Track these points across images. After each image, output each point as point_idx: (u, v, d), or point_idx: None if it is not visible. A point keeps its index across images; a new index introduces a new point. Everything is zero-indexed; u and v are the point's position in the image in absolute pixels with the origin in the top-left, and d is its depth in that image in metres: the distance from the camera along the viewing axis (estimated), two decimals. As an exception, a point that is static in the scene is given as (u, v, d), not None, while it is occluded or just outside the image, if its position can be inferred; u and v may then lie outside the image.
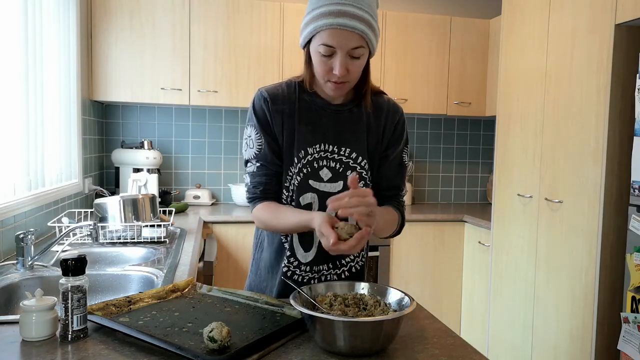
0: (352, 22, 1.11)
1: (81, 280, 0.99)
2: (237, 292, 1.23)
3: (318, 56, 1.17)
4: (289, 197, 1.28)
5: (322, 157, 1.27)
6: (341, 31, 1.11)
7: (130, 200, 2.14)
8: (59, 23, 2.44)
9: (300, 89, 1.29)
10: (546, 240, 2.43)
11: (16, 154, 1.95)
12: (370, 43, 1.16)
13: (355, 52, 1.15)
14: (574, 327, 2.23)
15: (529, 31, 2.60)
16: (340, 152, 1.28)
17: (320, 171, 1.27)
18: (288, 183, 1.27)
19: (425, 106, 3.51)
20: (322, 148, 1.27)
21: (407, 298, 1.03)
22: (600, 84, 2.09)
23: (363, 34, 1.13)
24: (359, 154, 1.29)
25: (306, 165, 1.26)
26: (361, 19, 1.12)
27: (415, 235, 3.23)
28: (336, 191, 1.28)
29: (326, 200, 1.25)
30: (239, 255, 2.98)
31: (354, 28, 1.11)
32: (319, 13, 1.13)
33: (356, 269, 1.35)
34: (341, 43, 1.13)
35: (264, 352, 0.93)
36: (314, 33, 1.15)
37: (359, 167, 1.29)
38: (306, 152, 1.26)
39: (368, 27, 1.13)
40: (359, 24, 1.11)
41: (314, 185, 1.27)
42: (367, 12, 1.13)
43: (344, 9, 1.10)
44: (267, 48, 3.22)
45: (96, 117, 3.21)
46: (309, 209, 1.27)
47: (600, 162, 2.09)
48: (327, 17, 1.11)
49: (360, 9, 1.12)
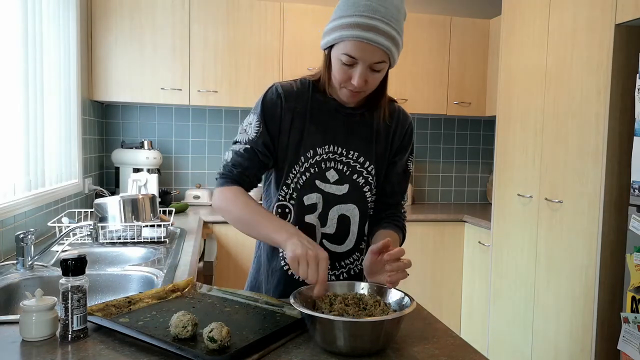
0: (379, 38, 1.10)
1: (81, 280, 0.99)
2: (237, 292, 1.23)
3: (339, 63, 1.16)
4: (288, 194, 1.27)
5: (331, 159, 1.27)
6: (367, 45, 1.11)
7: (130, 200, 2.14)
8: (59, 23, 2.44)
9: (314, 89, 1.29)
10: (546, 240, 2.43)
11: (16, 154, 1.95)
12: (392, 58, 1.16)
13: (376, 66, 1.15)
14: (574, 327, 2.23)
15: (529, 31, 2.60)
16: (349, 155, 1.28)
17: (327, 172, 1.27)
18: (290, 181, 1.27)
19: (425, 106, 3.51)
20: (331, 149, 1.27)
21: (407, 298, 1.03)
22: (600, 83, 2.09)
23: (387, 51, 1.13)
24: (366, 158, 1.29)
25: (314, 165, 1.26)
26: (388, 35, 1.11)
27: (415, 235, 3.23)
28: (341, 194, 1.28)
29: (330, 202, 1.27)
30: (239, 255, 2.98)
31: (379, 44, 1.11)
32: (348, 23, 1.12)
33: (355, 272, 1.35)
34: (365, 56, 1.12)
35: (264, 352, 0.93)
36: (339, 40, 1.14)
37: (366, 172, 1.30)
38: (315, 152, 1.26)
39: (393, 43, 1.13)
40: (386, 41, 1.11)
41: (320, 185, 1.27)
42: (394, 28, 1.12)
43: (373, 23, 1.10)
44: (267, 48, 3.22)
45: (96, 117, 3.21)
46: (313, 210, 1.27)
47: (600, 162, 2.09)
48: (355, 29, 1.10)
49: (389, 25, 1.11)
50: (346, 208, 1.30)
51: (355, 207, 1.30)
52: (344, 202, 1.29)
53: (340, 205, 1.29)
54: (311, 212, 1.28)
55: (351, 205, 1.30)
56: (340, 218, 1.30)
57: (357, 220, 1.31)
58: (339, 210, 1.29)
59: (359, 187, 1.30)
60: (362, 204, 1.31)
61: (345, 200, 1.29)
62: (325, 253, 1.04)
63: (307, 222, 1.28)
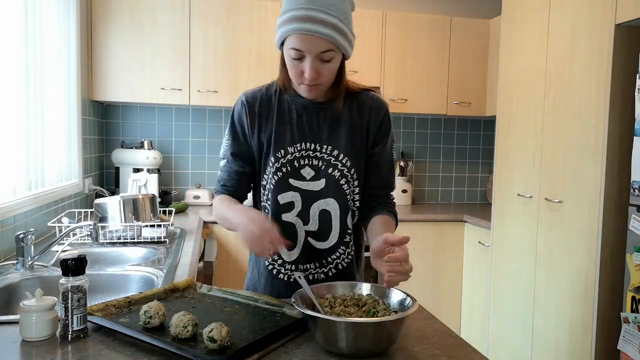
0: (318, 27, 1.11)
1: (81, 280, 0.99)
2: (237, 292, 1.23)
3: (289, 59, 1.18)
4: (265, 195, 1.31)
5: (304, 156, 1.28)
6: (308, 36, 1.12)
7: (130, 200, 2.14)
8: (58, 23, 2.44)
9: (281, 90, 1.31)
10: (546, 240, 2.43)
11: (16, 154, 1.95)
12: (340, 46, 1.16)
13: (324, 56, 1.15)
14: (574, 327, 2.23)
15: (529, 31, 2.60)
16: (322, 150, 1.28)
17: (302, 170, 1.28)
18: (265, 182, 1.30)
19: (425, 106, 3.51)
20: (303, 147, 1.28)
21: (409, 299, 1.03)
22: (600, 83, 2.09)
23: (331, 39, 1.13)
24: (340, 151, 1.29)
25: (286, 164, 1.28)
26: (329, 24, 1.12)
27: (415, 235, 3.22)
28: (319, 189, 1.29)
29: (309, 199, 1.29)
30: (239, 255, 2.98)
31: (320, 34, 1.11)
32: (289, 17, 1.13)
33: (342, 266, 1.34)
34: (309, 48, 1.13)
35: (264, 352, 0.93)
36: (285, 36, 1.16)
37: (341, 165, 1.29)
38: (286, 151, 1.28)
39: (337, 31, 1.13)
40: (326, 29, 1.11)
41: (294, 184, 1.28)
42: (335, 16, 1.12)
43: (310, 14, 1.11)
44: (267, 48, 3.22)
45: (96, 117, 3.21)
46: (290, 208, 1.29)
47: (600, 162, 2.09)
48: (295, 22, 1.12)
49: (328, 14, 1.11)
50: (326, 203, 1.29)
51: (335, 201, 1.30)
52: (323, 197, 1.29)
53: (319, 201, 1.29)
54: (287, 211, 1.29)
55: (330, 200, 1.29)
56: (321, 214, 1.30)
57: (338, 215, 1.31)
58: (319, 206, 1.29)
59: (336, 180, 1.29)
60: (340, 198, 1.30)
61: (324, 196, 1.29)
62: (269, 224, 1.11)
63: (285, 220, 1.29)
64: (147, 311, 0.99)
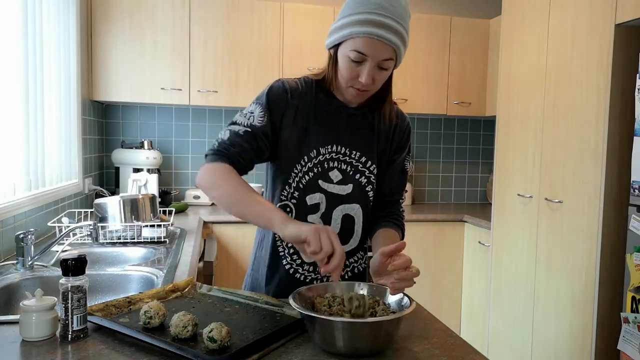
0: (389, 35, 1.11)
1: (81, 280, 0.99)
2: (237, 292, 1.23)
3: (347, 61, 1.16)
4: (290, 194, 1.27)
5: (334, 159, 1.28)
6: (377, 42, 1.12)
7: (130, 200, 2.14)
8: (59, 23, 2.44)
9: (317, 88, 1.28)
10: (546, 240, 2.43)
11: (16, 154, 1.95)
12: (399, 56, 1.17)
13: (384, 64, 1.16)
14: (574, 327, 2.23)
15: (529, 31, 2.60)
16: (352, 155, 1.29)
17: (330, 172, 1.28)
18: (292, 180, 1.27)
19: (425, 106, 3.51)
20: (334, 149, 1.28)
21: (406, 298, 1.03)
22: (600, 84, 2.09)
23: (396, 48, 1.14)
24: (368, 158, 1.30)
25: (317, 165, 1.27)
26: (397, 32, 1.12)
27: (415, 235, 3.23)
28: (345, 194, 1.28)
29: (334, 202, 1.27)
30: (239, 255, 2.97)
31: (389, 41, 1.12)
32: (358, 20, 1.12)
33: (359, 270, 1.36)
34: (375, 53, 1.13)
35: (264, 352, 0.93)
36: (348, 37, 1.15)
37: (368, 172, 1.31)
38: (318, 151, 1.26)
39: (402, 41, 1.14)
40: (395, 38, 1.12)
41: (322, 185, 1.28)
42: (403, 26, 1.14)
43: (384, 20, 1.11)
44: (267, 48, 3.22)
45: (96, 117, 3.21)
46: (316, 210, 1.27)
47: (600, 162, 2.09)
48: (367, 26, 1.11)
49: (398, 23, 1.12)
50: (350, 208, 1.30)
51: (359, 207, 1.31)
52: (348, 202, 1.29)
53: (344, 205, 1.29)
54: (314, 212, 1.28)
55: (355, 205, 1.30)
56: (344, 218, 1.30)
57: (361, 220, 1.32)
58: (343, 210, 1.30)
59: (362, 186, 1.30)
60: (365, 204, 1.32)
61: (350, 200, 1.29)
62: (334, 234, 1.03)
63: (309, 221, 1.27)
64: (147, 311, 0.99)
